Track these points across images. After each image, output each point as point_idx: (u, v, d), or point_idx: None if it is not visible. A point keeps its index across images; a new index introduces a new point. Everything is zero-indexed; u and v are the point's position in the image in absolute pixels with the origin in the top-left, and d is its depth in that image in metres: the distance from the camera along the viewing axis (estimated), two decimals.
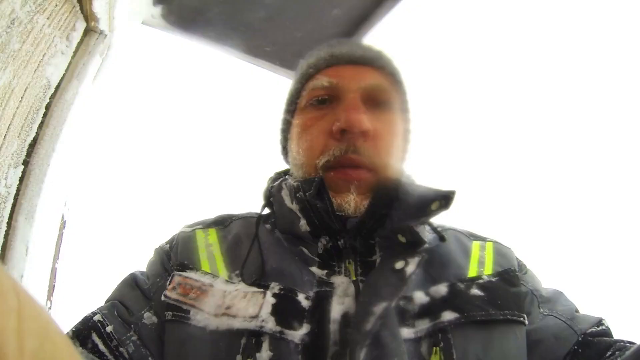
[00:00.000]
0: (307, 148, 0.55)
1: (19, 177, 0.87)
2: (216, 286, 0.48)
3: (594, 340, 0.46)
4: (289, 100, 0.62)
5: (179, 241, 0.56)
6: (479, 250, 0.56)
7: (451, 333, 0.44)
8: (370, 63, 0.58)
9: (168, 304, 0.48)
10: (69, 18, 0.98)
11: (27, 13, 0.80)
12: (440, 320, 0.45)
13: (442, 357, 0.42)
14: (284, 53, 1.88)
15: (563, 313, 0.50)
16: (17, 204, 0.86)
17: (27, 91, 0.87)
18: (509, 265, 0.54)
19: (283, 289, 0.46)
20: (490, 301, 0.47)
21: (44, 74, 0.93)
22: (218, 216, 0.63)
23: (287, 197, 0.54)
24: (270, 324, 0.43)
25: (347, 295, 0.46)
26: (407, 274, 0.45)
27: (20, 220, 0.86)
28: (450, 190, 0.50)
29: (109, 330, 0.47)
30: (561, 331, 0.48)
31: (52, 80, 0.97)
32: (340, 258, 0.50)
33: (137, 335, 0.48)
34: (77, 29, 1.02)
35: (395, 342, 0.41)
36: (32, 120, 0.92)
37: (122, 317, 0.49)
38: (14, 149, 0.86)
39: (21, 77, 0.84)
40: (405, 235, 0.48)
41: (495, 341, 0.45)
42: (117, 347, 0.46)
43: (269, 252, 0.52)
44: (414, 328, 0.44)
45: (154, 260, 0.57)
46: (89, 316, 0.50)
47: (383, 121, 0.55)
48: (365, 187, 0.51)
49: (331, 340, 0.42)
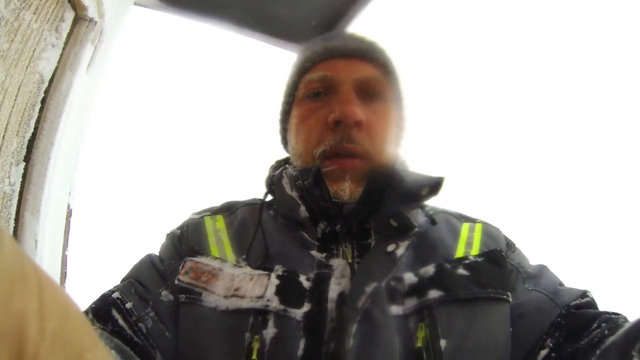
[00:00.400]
0: (304, 139, 0.58)
1: (21, 174, 0.90)
2: (225, 270, 0.51)
3: (577, 312, 0.48)
4: (287, 92, 0.65)
5: (189, 227, 0.60)
6: (468, 231, 0.59)
7: (436, 310, 0.47)
8: (362, 56, 0.60)
9: (181, 287, 0.51)
10: (56, 9, 0.95)
11: (13, 11, 0.79)
12: (426, 298, 0.48)
13: (427, 332, 0.45)
14: (279, 25, 1.83)
15: (545, 287, 0.52)
16: (23, 200, 0.90)
17: (20, 88, 0.88)
18: (495, 245, 0.56)
19: (286, 271, 0.50)
20: (474, 280, 0.50)
21: (36, 69, 0.93)
22: (224, 203, 0.66)
23: (287, 185, 0.57)
24: (274, 303, 0.47)
25: (344, 276, 0.50)
26: (398, 256, 0.50)
27: (27, 215, 0.90)
28: (439, 177, 0.54)
29: (129, 307, 0.49)
30: (543, 304, 0.50)
31: (45, 74, 0.97)
32: (338, 242, 0.54)
33: (154, 311, 0.50)
34: (66, 19, 1.00)
35: (385, 318, 0.45)
36: (29, 117, 0.93)
37: (140, 294, 0.52)
38: (14, 147, 0.88)
39: (13, 76, 0.84)
40: (397, 220, 0.52)
41: (478, 317, 0.48)
42: (136, 323, 0.49)
43: (273, 237, 0.55)
44: (402, 306, 0.48)
45: (167, 244, 0.61)
46: (107, 294, 0.52)
47: (376, 111, 0.58)
48: (359, 175, 0.55)
49: (328, 317, 0.46)
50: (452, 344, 0.45)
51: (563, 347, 0.45)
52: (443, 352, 0.44)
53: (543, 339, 0.47)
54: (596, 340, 0.42)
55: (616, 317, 0.46)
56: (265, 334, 0.45)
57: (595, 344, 0.41)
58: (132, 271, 0.57)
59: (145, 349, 0.47)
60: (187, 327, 0.49)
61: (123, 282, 0.55)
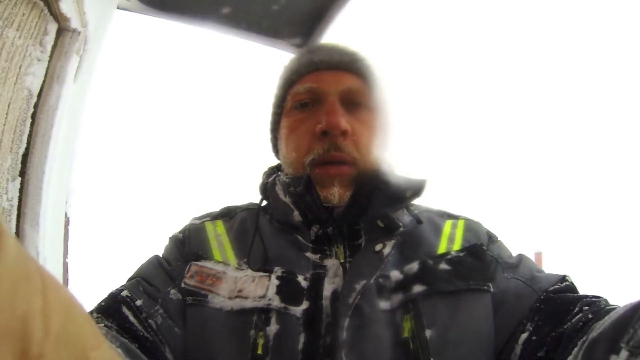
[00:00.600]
0: (294, 148, 0.62)
1: (18, 189, 0.93)
2: (228, 273, 0.55)
3: (556, 297, 0.50)
4: (276, 104, 0.68)
5: (191, 232, 0.63)
6: (451, 228, 0.63)
7: (421, 303, 0.51)
8: (346, 67, 0.63)
9: (187, 290, 0.54)
10: (39, 23, 0.96)
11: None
12: (411, 293, 0.52)
13: (412, 323, 0.49)
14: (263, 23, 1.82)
15: (523, 274, 0.55)
16: (21, 214, 0.93)
17: (10, 106, 0.90)
18: (476, 240, 0.60)
19: (285, 272, 0.54)
20: (456, 274, 0.54)
21: (24, 85, 0.94)
22: (223, 208, 0.70)
23: (281, 192, 0.61)
24: (276, 302, 0.50)
25: (337, 275, 0.54)
26: (385, 255, 0.55)
27: (26, 228, 0.93)
28: (422, 180, 0.59)
29: (139, 304, 0.51)
30: (521, 291, 0.53)
31: (33, 89, 0.98)
32: (330, 243, 0.58)
33: (163, 309, 0.53)
34: (49, 32, 1.01)
35: (374, 313, 0.49)
36: (21, 133, 0.95)
37: (148, 293, 0.54)
38: (9, 163, 0.90)
39: (2, 94, 0.86)
40: (383, 221, 0.57)
41: (461, 308, 0.52)
42: (146, 319, 0.50)
43: (270, 241, 0.59)
44: (389, 301, 0.52)
45: (171, 247, 0.64)
46: (115, 292, 0.54)
47: (360, 119, 0.61)
48: (347, 180, 0.58)
49: (324, 313, 0.50)
50: (437, 333, 0.49)
51: (543, 330, 0.48)
52: (429, 340, 0.48)
53: (523, 323, 0.50)
54: (581, 324, 0.43)
55: (597, 300, 0.48)
56: (269, 330, 0.49)
57: (580, 328, 0.43)
58: (140, 271, 0.59)
59: (155, 344, 0.49)
60: (194, 327, 0.52)
61: (130, 281, 0.57)
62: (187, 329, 0.53)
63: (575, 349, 0.40)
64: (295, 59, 0.67)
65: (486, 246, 0.60)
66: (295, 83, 0.64)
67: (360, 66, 0.64)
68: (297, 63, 0.65)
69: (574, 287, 0.53)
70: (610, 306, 0.46)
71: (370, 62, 0.66)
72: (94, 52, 1.27)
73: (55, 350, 0.15)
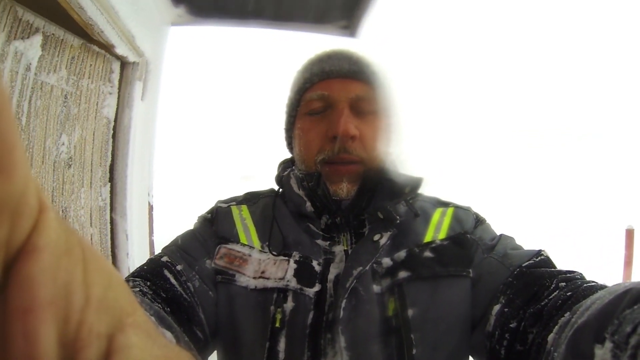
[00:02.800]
0: (307, 147, 0.69)
1: (108, 191, 1.30)
2: (253, 256, 0.62)
3: (527, 271, 0.53)
4: (290, 107, 0.76)
5: (219, 214, 0.70)
6: (440, 216, 0.68)
7: (405, 286, 0.57)
8: (355, 76, 0.69)
9: (217, 269, 0.61)
10: (105, 66, 1.26)
11: (73, 84, 1.11)
12: (397, 278, 0.58)
13: (397, 303, 0.56)
14: (309, 12, 1.86)
15: (497, 253, 0.59)
16: (113, 209, 1.31)
17: (94, 133, 1.25)
18: (461, 229, 0.64)
19: (302, 256, 0.61)
20: (438, 261, 0.59)
21: (102, 115, 1.28)
22: (247, 194, 0.80)
23: (295, 185, 0.70)
24: (293, 283, 0.57)
25: (342, 261, 0.60)
26: (381, 244, 0.60)
27: (117, 218, 1.32)
28: (419, 177, 0.66)
29: (179, 269, 0.58)
30: (494, 268, 0.57)
31: (109, 116, 1.31)
32: (338, 231, 0.67)
33: (198, 275, 0.59)
34: (114, 69, 1.31)
35: (367, 295, 0.56)
36: (106, 150, 1.31)
37: (186, 260, 0.60)
38: (100, 174, 1.27)
39: (87, 128, 1.20)
40: (383, 213, 0.64)
41: (440, 291, 0.57)
42: (185, 282, 0.57)
43: (289, 228, 0.66)
44: (380, 285, 0.57)
45: (201, 224, 0.70)
46: (156, 258, 0.60)
47: (368, 124, 0.67)
48: (354, 177, 0.65)
49: (328, 294, 0.57)
50: (418, 312, 0.55)
51: (515, 302, 0.50)
52: (410, 319, 0.55)
53: (497, 296, 0.53)
54: (560, 302, 0.45)
55: (572, 276, 0.49)
56: (286, 307, 0.56)
57: (559, 306, 0.44)
58: (176, 242, 0.66)
59: (192, 305, 0.56)
60: (224, 302, 0.60)
61: (168, 249, 0.63)
62: (218, 304, 0.63)
63: (556, 327, 0.41)
64: (307, 67, 0.73)
65: (472, 230, 0.64)
66: (308, 90, 0.70)
67: (368, 74, 0.68)
68: (309, 71, 0.71)
69: (549, 261, 0.55)
70: (587, 282, 0.47)
71: (377, 69, 0.70)
72: (155, 72, 1.56)
73: (95, 317, 0.16)
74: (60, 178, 1.08)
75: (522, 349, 0.47)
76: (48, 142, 1.03)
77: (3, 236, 0.14)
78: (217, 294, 0.61)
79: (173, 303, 0.54)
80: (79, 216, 1.16)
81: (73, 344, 0.15)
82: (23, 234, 0.14)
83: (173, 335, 0.35)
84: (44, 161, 1.01)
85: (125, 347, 0.17)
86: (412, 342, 0.54)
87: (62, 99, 1.07)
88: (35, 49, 0.93)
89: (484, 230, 0.65)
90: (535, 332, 0.45)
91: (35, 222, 0.15)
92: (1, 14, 0.82)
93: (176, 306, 0.54)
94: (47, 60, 0.99)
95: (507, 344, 0.49)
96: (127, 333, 0.17)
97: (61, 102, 1.07)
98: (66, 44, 1.07)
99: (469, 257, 0.60)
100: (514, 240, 0.63)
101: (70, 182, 1.12)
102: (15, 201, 0.14)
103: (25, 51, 0.90)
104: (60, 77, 1.05)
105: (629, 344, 0.29)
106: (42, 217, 0.15)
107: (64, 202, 1.09)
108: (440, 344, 0.55)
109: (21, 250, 0.14)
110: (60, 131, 1.08)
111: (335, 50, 0.75)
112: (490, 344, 0.51)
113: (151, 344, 0.19)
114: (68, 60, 1.08)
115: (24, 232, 0.14)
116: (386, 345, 0.54)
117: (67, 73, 1.08)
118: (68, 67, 1.08)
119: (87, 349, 0.16)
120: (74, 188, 1.14)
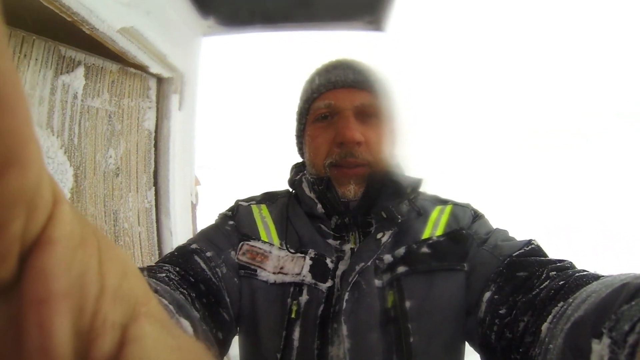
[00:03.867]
0: (316, 153, 0.75)
1: (153, 195, 1.49)
2: (273, 252, 0.67)
3: (517, 261, 0.55)
4: (300, 115, 0.82)
5: (240, 212, 0.74)
6: (438, 213, 0.71)
7: (403, 280, 0.61)
8: (359, 85, 0.73)
9: (240, 264, 0.66)
10: (142, 84, 1.43)
11: (115, 104, 1.28)
12: (396, 273, 0.62)
13: (395, 296, 0.60)
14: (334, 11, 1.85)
15: (489, 244, 0.61)
16: (158, 210, 1.49)
17: (138, 144, 1.42)
18: (457, 225, 0.67)
19: (317, 254, 0.66)
20: (434, 256, 0.62)
21: (144, 128, 1.45)
22: (265, 193, 0.87)
23: (307, 188, 0.76)
24: (308, 278, 0.63)
25: (349, 258, 0.65)
26: (383, 242, 0.65)
27: (162, 218, 1.50)
28: (420, 179, 0.70)
29: (209, 255, 0.62)
30: (484, 258, 0.59)
31: (150, 128, 1.49)
32: (347, 231, 0.73)
33: (224, 263, 0.64)
34: (151, 86, 1.47)
35: (369, 288, 0.60)
36: (149, 158, 1.49)
37: (213, 249, 0.65)
38: (145, 180, 1.46)
39: (130, 141, 1.37)
40: (386, 213, 0.68)
41: (435, 284, 0.60)
42: (214, 268, 0.61)
43: (304, 228, 0.71)
44: (382, 279, 0.62)
45: (222, 220, 0.74)
46: (184, 245, 0.64)
47: (372, 129, 0.71)
48: (361, 179, 0.70)
49: (335, 288, 0.62)
50: (415, 304, 0.59)
51: (504, 290, 0.52)
52: (408, 310, 0.59)
53: (488, 285, 0.55)
54: (552, 292, 0.45)
55: (563, 265, 0.50)
56: (301, 300, 0.62)
57: (552, 295, 0.45)
58: (203, 233, 0.70)
59: (219, 289, 0.60)
60: (246, 295, 0.65)
61: (195, 239, 0.67)
62: (241, 297, 0.70)
63: (550, 316, 0.42)
64: (315, 77, 0.78)
65: (469, 226, 0.66)
66: (316, 99, 0.75)
67: (371, 83, 0.72)
68: (317, 82, 0.76)
69: (539, 250, 0.56)
70: (579, 272, 0.47)
71: (381, 77, 0.73)
72: (190, 83, 1.71)
73: (110, 306, 0.16)
74: (110, 186, 1.27)
75: (512, 336, 0.47)
76: (98, 156, 1.21)
77: (18, 229, 0.14)
78: (241, 285, 0.67)
79: (202, 286, 0.57)
80: (128, 217, 1.35)
81: (87, 334, 0.15)
82: (38, 227, 0.14)
83: (190, 324, 0.37)
84: (95, 173, 1.20)
85: (139, 337, 0.17)
86: (410, 331, 0.58)
87: (107, 119, 1.25)
88: (80, 79, 1.10)
89: (481, 225, 0.66)
90: (527, 321, 0.46)
91: (50, 214, 0.15)
92: (47, 54, 0.99)
93: (206, 289, 0.58)
94: (90, 87, 1.17)
95: (497, 329, 0.50)
96: (141, 323, 0.18)
97: (106, 121, 1.25)
98: (105, 71, 1.23)
99: (464, 252, 0.62)
100: (507, 232, 0.64)
101: (119, 188, 1.31)
102: (30, 194, 0.14)
103: (71, 82, 1.08)
104: (103, 99, 1.23)
105: (627, 342, 0.29)
106: (57, 210, 0.15)
107: (114, 206, 1.28)
108: (435, 333, 0.58)
109: (36, 242, 0.14)
110: (107, 146, 1.26)
111: (340, 60, 0.77)
112: (481, 329, 0.53)
113: (165, 334, 0.19)
114: (109, 84, 1.25)
115: (39, 224, 0.15)
116: (385, 334, 0.58)
117: (109, 95, 1.25)
118: (109, 90, 1.26)
119: (101, 339, 0.16)
120: (122, 193, 1.33)
